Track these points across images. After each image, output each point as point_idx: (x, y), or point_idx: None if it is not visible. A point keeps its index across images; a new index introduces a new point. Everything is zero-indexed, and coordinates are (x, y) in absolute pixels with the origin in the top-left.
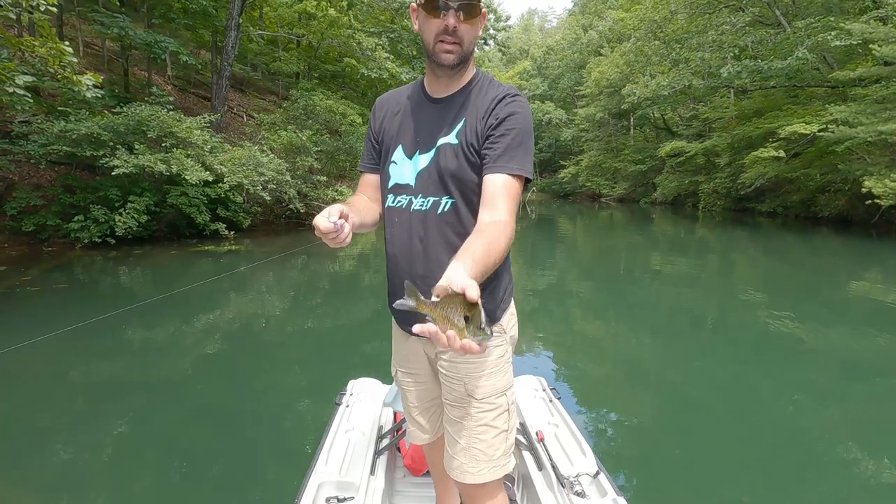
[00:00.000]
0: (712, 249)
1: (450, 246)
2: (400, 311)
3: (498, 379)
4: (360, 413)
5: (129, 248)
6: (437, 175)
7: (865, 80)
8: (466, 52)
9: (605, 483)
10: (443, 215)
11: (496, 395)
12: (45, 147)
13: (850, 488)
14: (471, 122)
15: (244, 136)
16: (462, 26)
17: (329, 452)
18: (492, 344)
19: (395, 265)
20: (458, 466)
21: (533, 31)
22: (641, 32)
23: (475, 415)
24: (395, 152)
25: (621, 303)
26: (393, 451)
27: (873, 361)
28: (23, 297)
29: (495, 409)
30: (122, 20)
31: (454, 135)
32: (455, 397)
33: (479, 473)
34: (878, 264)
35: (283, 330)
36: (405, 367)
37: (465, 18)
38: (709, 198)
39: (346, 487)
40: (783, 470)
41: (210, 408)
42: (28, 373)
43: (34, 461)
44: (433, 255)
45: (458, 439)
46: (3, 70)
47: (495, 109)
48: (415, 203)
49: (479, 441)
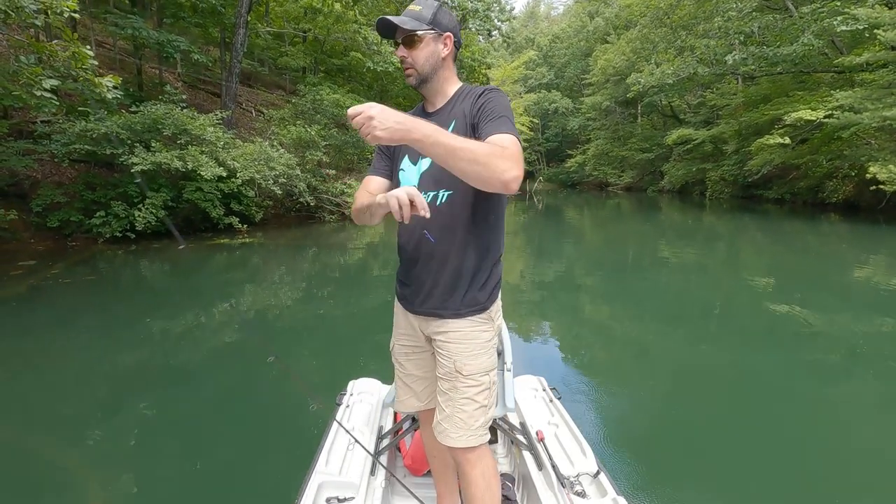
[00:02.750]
0: (720, 237)
1: (449, 231)
2: (402, 290)
3: (484, 360)
4: (360, 413)
5: (147, 243)
6: (437, 173)
7: (872, 65)
8: (422, 74)
9: (606, 483)
10: (440, 206)
11: (481, 373)
12: (67, 146)
13: (856, 479)
14: (460, 122)
15: (254, 131)
16: (410, 55)
17: (329, 452)
18: (480, 329)
19: (404, 252)
20: (443, 431)
21: (539, 18)
22: (647, 19)
23: (461, 388)
24: (403, 161)
25: (625, 298)
26: (393, 451)
27: (879, 345)
28: (59, 289)
29: (479, 386)
30: (135, 20)
31: None
32: (445, 372)
33: (459, 439)
34: (886, 249)
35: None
36: (404, 339)
37: (408, 49)
38: (716, 185)
39: (346, 487)
40: (786, 468)
41: (210, 408)
42: (63, 360)
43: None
44: (437, 243)
45: (445, 408)
46: (31, 75)
47: (478, 101)
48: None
49: (462, 412)
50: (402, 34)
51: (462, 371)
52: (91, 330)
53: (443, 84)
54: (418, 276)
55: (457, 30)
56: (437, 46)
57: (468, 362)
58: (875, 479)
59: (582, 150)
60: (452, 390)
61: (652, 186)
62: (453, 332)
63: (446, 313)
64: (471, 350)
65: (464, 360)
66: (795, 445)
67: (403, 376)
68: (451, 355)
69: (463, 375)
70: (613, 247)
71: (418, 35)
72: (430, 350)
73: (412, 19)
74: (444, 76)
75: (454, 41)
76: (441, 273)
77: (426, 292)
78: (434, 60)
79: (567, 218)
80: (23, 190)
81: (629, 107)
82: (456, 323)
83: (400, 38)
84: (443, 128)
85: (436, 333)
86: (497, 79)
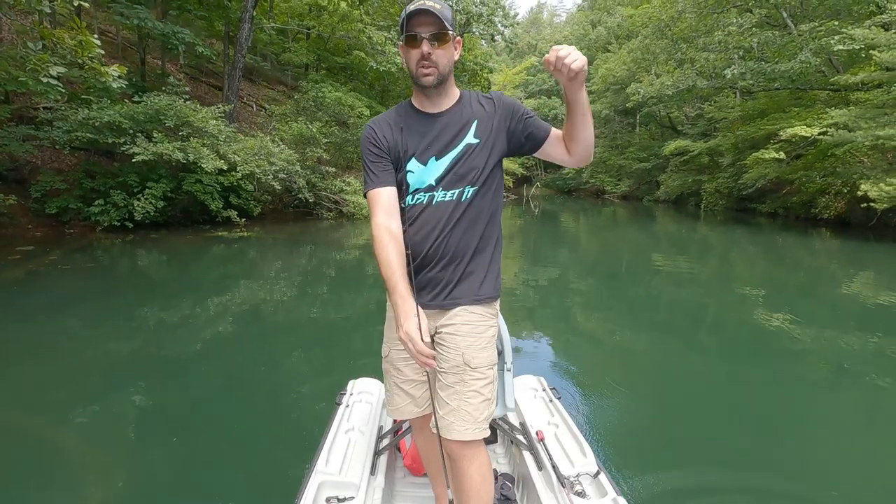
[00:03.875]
0: (713, 248)
1: (472, 224)
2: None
3: (490, 353)
4: (360, 413)
5: (146, 232)
6: (462, 170)
7: (868, 85)
8: (443, 73)
9: (606, 483)
10: (465, 202)
11: (487, 366)
12: (69, 133)
13: (846, 483)
14: (484, 121)
15: (255, 126)
16: (435, 52)
17: (329, 452)
18: (488, 323)
19: (420, 249)
20: (447, 425)
21: (542, 24)
22: (649, 30)
23: (468, 381)
24: (410, 163)
25: (622, 301)
26: (393, 451)
27: (864, 359)
28: (58, 275)
29: (485, 379)
30: (141, 11)
31: (472, 135)
32: (451, 365)
33: (465, 432)
34: (874, 266)
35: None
36: (400, 344)
37: (438, 46)
38: (711, 197)
39: (347, 487)
40: (783, 467)
41: (208, 409)
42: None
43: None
44: (458, 233)
45: (450, 402)
46: (38, 61)
47: (502, 103)
48: (437, 196)
49: (468, 404)
50: (436, 29)
51: (471, 363)
52: (89, 317)
53: (451, 86)
54: (437, 270)
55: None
56: (453, 49)
57: (477, 355)
58: (866, 482)
59: None
60: (459, 383)
61: (648, 196)
62: (463, 325)
63: (465, 300)
64: (479, 344)
65: (472, 352)
66: (793, 443)
67: (401, 382)
68: (458, 348)
69: (471, 368)
70: (610, 253)
71: (449, 34)
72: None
73: (443, 19)
74: (452, 79)
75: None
76: (461, 265)
77: (445, 284)
78: (452, 62)
79: (563, 224)
80: (22, 175)
81: (628, 116)
82: (468, 315)
83: (428, 33)
84: (461, 127)
85: (443, 326)
86: (498, 83)
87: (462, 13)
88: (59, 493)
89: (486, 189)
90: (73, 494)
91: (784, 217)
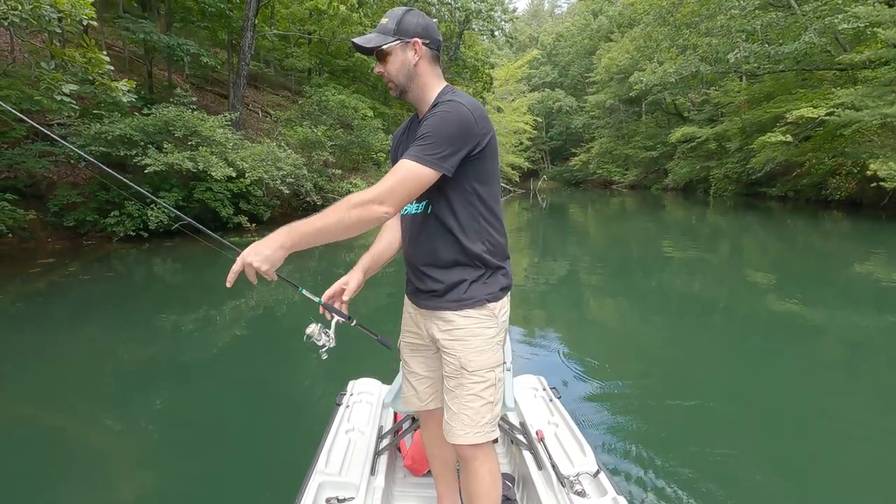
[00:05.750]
0: (724, 235)
1: (435, 237)
2: (407, 286)
3: (488, 356)
4: (360, 413)
5: (160, 241)
6: None
7: (874, 63)
8: (399, 84)
9: (606, 482)
10: (427, 215)
11: (486, 369)
12: (82, 148)
13: (857, 476)
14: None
15: (261, 132)
16: (385, 69)
17: (329, 452)
18: (484, 325)
19: (406, 257)
20: (450, 430)
21: (543, 16)
22: (651, 17)
23: (466, 385)
24: None
25: (627, 297)
26: (393, 450)
27: (878, 340)
28: (79, 286)
29: (484, 382)
30: (146, 25)
31: None
32: (451, 370)
33: (466, 436)
34: (887, 245)
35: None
36: (409, 336)
37: (381, 63)
38: (720, 183)
39: (347, 487)
40: (787, 468)
41: (210, 406)
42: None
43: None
44: (426, 246)
45: (451, 406)
46: (52, 80)
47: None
48: (409, 209)
49: (468, 408)
50: (372, 52)
51: (467, 367)
52: (109, 325)
53: (423, 91)
54: (424, 277)
55: (428, 32)
56: (406, 55)
57: (473, 358)
58: (878, 476)
59: (586, 149)
60: (458, 387)
61: (656, 184)
62: (457, 330)
63: (453, 305)
64: (475, 346)
65: (468, 356)
66: (797, 445)
67: (407, 373)
68: (455, 353)
69: (468, 372)
70: (617, 244)
71: (384, 49)
72: (434, 349)
73: (378, 34)
74: (420, 83)
75: (427, 43)
76: (444, 274)
77: (431, 290)
78: (406, 70)
79: (571, 216)
80: (40, 191)
81: (633, 105)
82: (460, 320)
83: (374, 55)
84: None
85: (440, 333)
86: (500, 78)
87: (461, 10)
88: (59, 484)
89: (445, 202)
90: (72, 489)
91: (794, 200)
